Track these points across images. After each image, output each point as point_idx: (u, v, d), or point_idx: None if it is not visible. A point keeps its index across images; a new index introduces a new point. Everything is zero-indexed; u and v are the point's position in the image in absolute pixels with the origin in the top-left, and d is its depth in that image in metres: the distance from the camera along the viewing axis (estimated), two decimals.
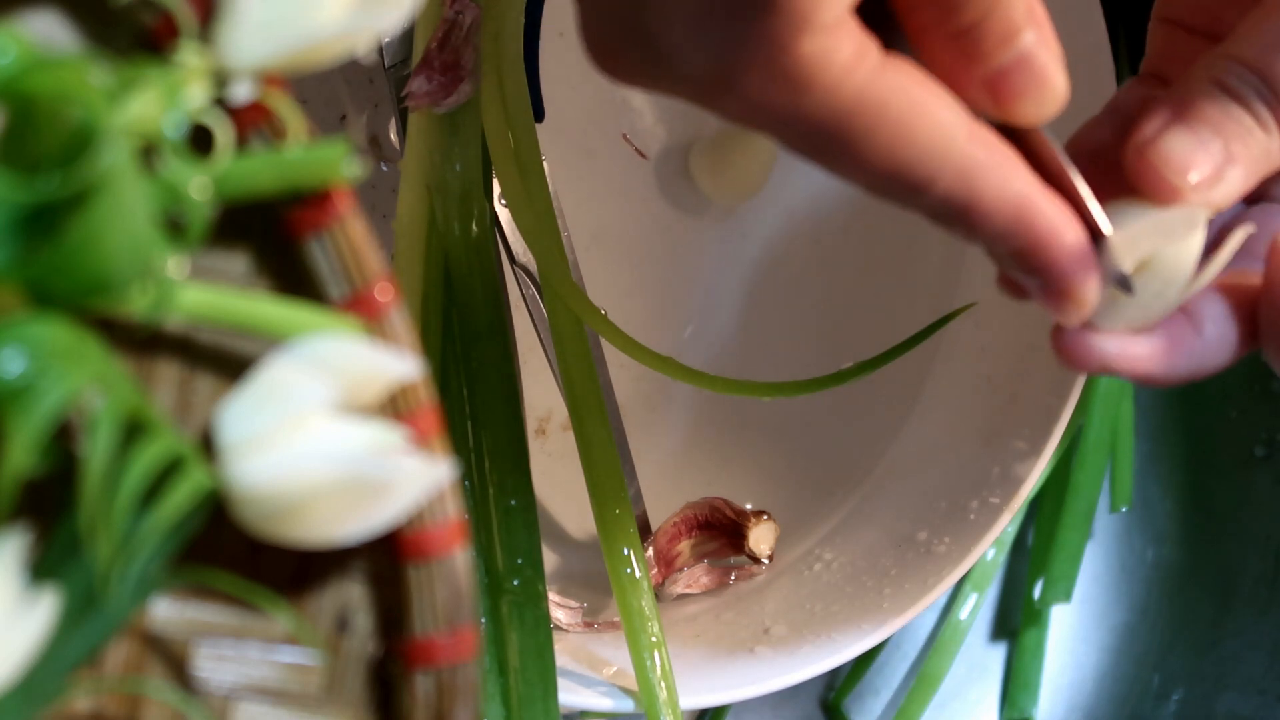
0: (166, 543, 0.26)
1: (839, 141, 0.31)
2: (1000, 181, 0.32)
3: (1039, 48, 0.31)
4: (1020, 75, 0.32)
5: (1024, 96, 0.32)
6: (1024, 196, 0.32)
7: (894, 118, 0.31)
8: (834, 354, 0.59)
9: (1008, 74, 0.32)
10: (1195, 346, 0.36)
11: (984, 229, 0.32)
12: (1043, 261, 0.33)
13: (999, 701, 0.63)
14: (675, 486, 0.57)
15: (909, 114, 0.31)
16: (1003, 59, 0.31)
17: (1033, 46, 0.31)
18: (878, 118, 0.31)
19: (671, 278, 0.60)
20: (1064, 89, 0.32)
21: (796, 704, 0.62)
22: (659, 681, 0.48)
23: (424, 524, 0.27)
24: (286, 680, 0.28)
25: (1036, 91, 0.32)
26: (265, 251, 0.28)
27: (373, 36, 0.27)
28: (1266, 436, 0.63)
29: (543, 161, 0.49)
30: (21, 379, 0.24)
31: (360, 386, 0.27)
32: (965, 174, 0.32)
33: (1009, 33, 0.31)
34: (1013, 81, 0.32)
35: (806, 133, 0.31)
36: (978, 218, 0.32)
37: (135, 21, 0.27)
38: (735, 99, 0.31)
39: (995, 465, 0.55)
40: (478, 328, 0.48)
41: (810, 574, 0.57)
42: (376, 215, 0.56)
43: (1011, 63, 0.31)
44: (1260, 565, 0.62)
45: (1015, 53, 0.31)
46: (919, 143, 0.31)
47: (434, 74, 0.47)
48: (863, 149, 0.31)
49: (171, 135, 0.26)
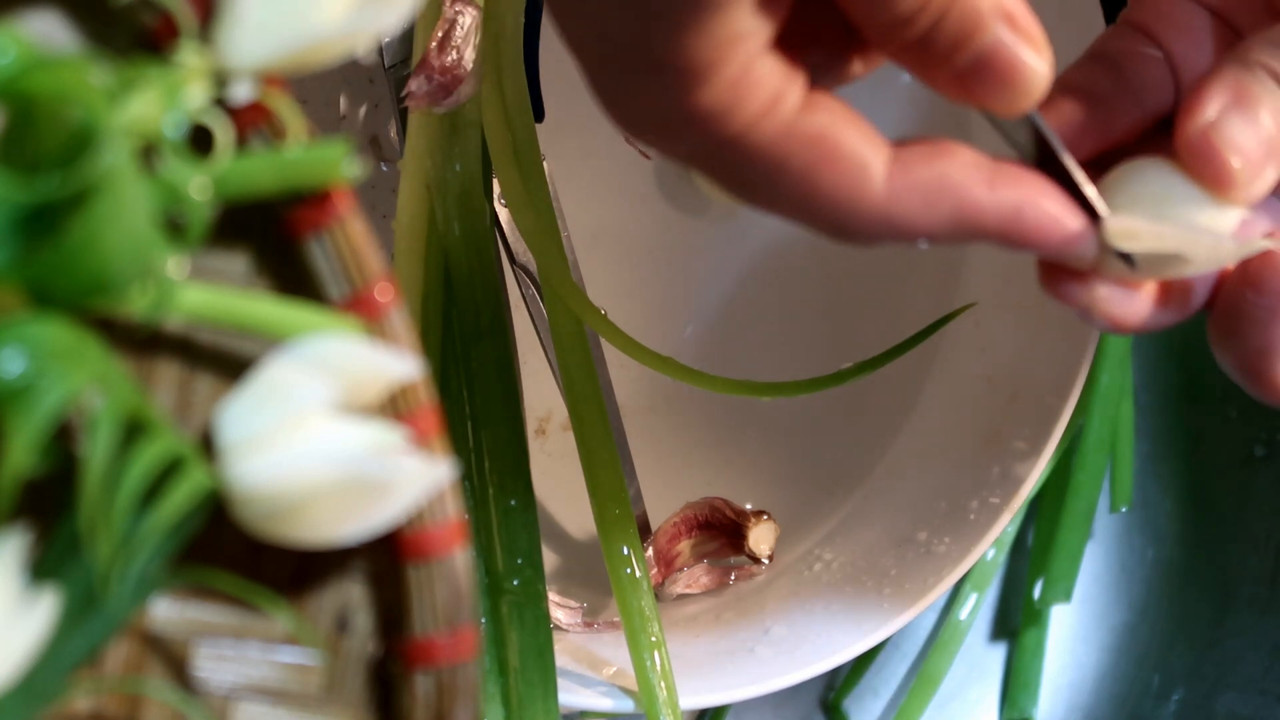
0: (166, 543, 0.26)
1: (753, 186, 0.31)
2: (926, 208, 0.32)
3: (1005, 41, 0.30)
4: (986, 72, 0.31)
5: (996, 92, 0.31)
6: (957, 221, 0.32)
7: (805, 162, 0.31)
8: (834, 354, 0.59)
9: (973, 73, 0.31)
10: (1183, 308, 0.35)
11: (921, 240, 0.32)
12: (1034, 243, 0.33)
13: (999, 701, 0.63)
14: (675, 486, 0.57)
15: (820, 158, 0.31)
16: (963, 60, 0.31)
17: (996, 42, 0.30)
18: (787, 162, 0.31)
19: (671, 278, 0.60)
20: (1042, 76, 0.31)
21: (796, 704, 0.62)
22: (659, 681, 0.48)
23: (424, 524, 0.27)
24: (286, 680, 0.28)
25: (1008, 85, 0.31)
26: (265, 251, 0.28)
27: (373, 36, 0.27)
28: (1266, 436, 0.63)
29: (543, 161, 0.49)
30: (21, 379, 0.24)
31: (360, 386, 0.27)
32: (883, 213, 0.31)
33: (965, 32, 0.30)
34: (980, 79, 0.31)
35: (726, 179, 0.32)
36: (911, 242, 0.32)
37: (135, 21, 0.27)
38: (663, 149, 0.32)
39: (995, 465, 0.55)
40: (478, 328, 0.48)
41: (810, 574, 0.57)
42: (376, 215, 0.56)
43: (973, 62, 0.31)
44: (1260, 565, 0.62)
45: (975, 51, 0.30)
46: (831, 185, 0.31)
47: (434, 74, 0.47)
48: (777, 193, 0.31)
49: (171, 135, 0.26)
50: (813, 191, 0.31)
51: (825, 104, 0.31)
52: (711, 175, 0.32)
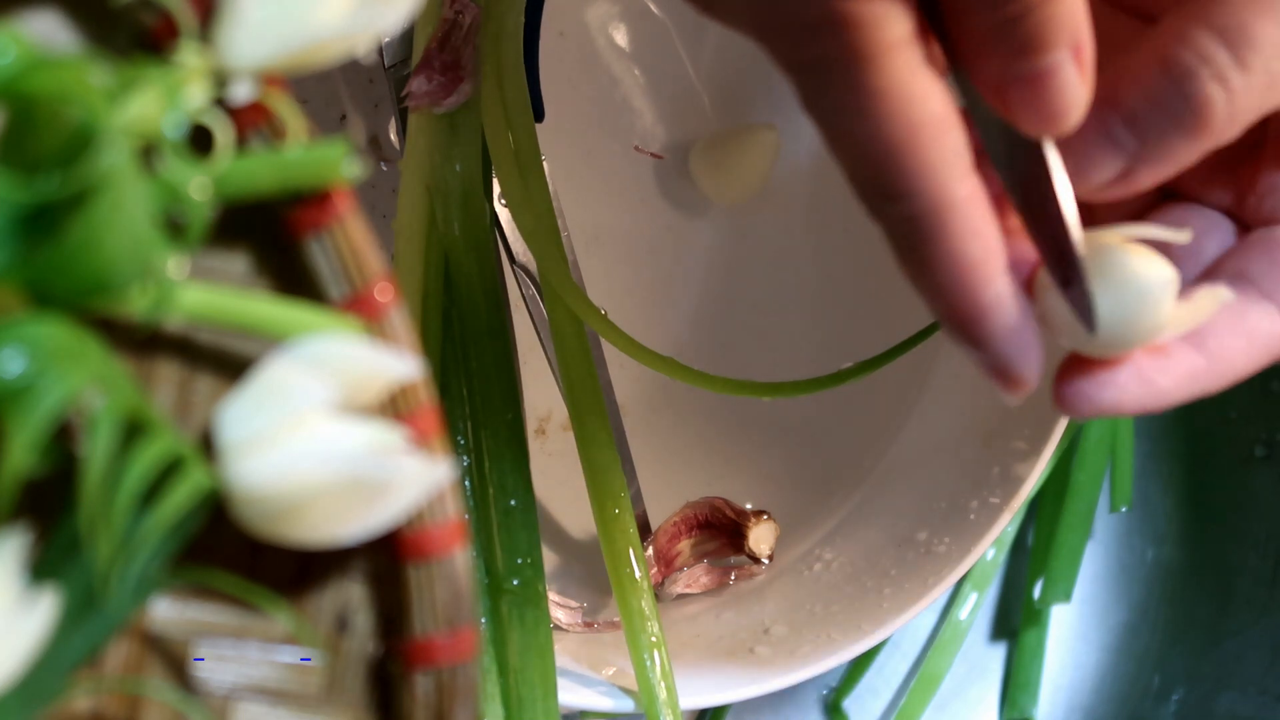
0: (166, 543, 0.26)
1: (853, 110, 0.30)
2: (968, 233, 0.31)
3: (1064, 68, 0.30)
4: (1034, 89, 0.31)
5: (1030, 111, 0.31)
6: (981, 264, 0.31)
7: (913, 117, 0.30)
8: (834, 354, 0.59)
9: (1020, 83, 0.31)
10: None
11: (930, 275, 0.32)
12: (975, 335, 0.32)
13: (999, 701, 0.63)
14: (675, 486, 0.57)
15: (929, 121, 0.30)
16: (1020, 67, 0.30)
17: (1057, 65, 0.30)
18: (901, 108, 0.30)
19: (672, 278, 0.60)
20: (1076, 118, 0.31)
21: (796, 704, 0.62)
22: (659, 681, 0.48)
23: (424, 524, 0.27)
24: (286, 680, 0.28)
25: (1047, 110, 0.31)
26: (265, 251, 0.28)
27: (373, 36, 0.27)
28: (1266, 436, 0.63)
29: (543, 161, 0.49)
30: (21, 379, 0.24)
31: (360, 386, 0.27)
32: (945, 205, 0.31)
33: (1043, 42, 0.30)
34: (1024, 92, 0.31)
35: (823, 81, 0.31)
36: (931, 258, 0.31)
37: (135, 21, 0.27)
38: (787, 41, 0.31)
39: (995, 465, 0.55)
40: (478, 328, 0.48)
41: (810, 574, 0.57)
42: (376, 215, 0.56)
43: (1027, 73, 0.30)
44: (1260, 565, 0.62)
45: (1035, 65, 0.30)
46: (923, 151, 0.30)
47: (434, 74, 0.47)
48: (872, 130, 0.30)
49: (171, 135, 0.26)
50: (909, 144, 0.30)
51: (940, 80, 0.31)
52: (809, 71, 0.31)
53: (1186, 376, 0.34)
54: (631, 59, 0.59)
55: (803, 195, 0.60)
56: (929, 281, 0.32)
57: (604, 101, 0.58)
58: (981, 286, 0.32)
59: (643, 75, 0.59)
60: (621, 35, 0.59)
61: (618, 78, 0.59)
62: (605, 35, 0.59)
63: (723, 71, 0.59)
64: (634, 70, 0.59)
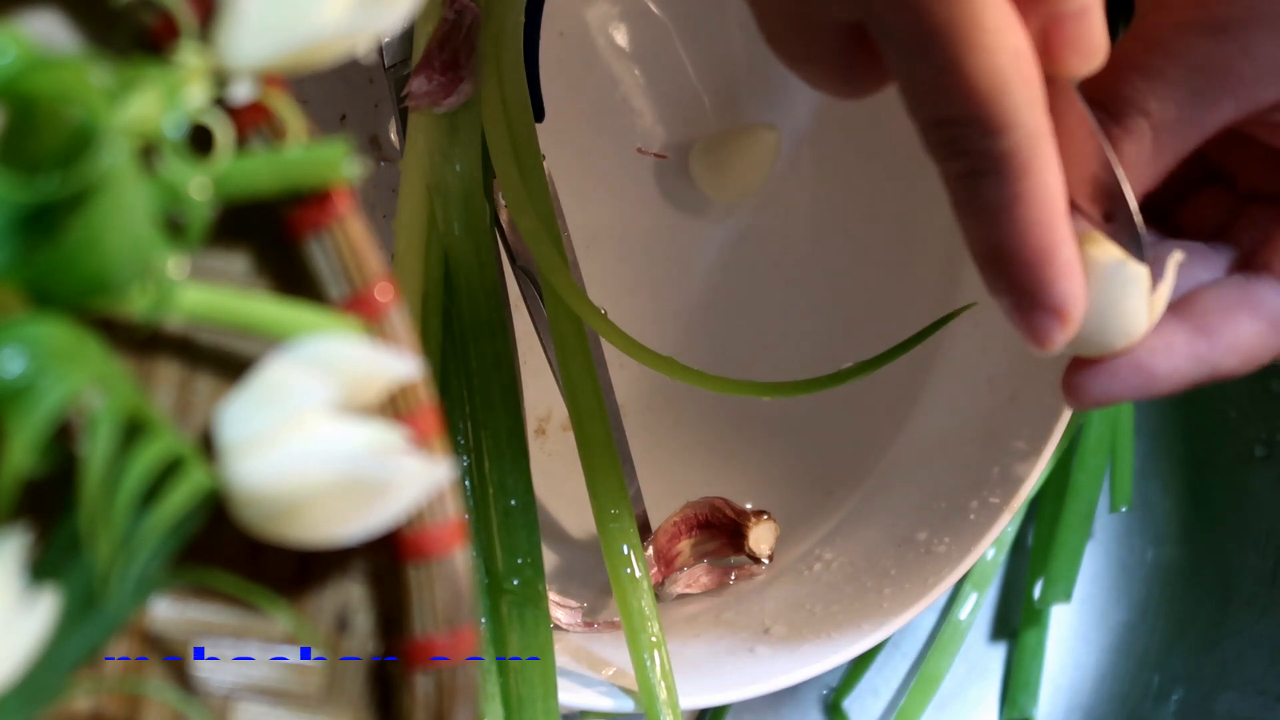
0: (166, 543, 0.26)
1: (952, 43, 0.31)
2: (1054, 165, 0.32)
3: (1097, 10, 0.33)
4: (1077, 27, 0.33)
5: (1073, 48, 0.33)
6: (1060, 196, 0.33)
7: (1016, 46, 0.32)
8: (834, 354, 0.59)
9: (1068, 22, 0.33)
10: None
11: (1019, 208, 0.33)
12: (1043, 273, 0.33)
13: (999, 701, 0.63)
14: (675, 486, 0.57)
15: (1025, 51, 0.32)
16: (1070, 6, 0.32)
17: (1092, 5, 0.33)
18: (1008, 38, 0.31)
19: (671, 277, 0.60)
20: (1105, 51, 0.33)
21: (796, 704, 0.62)
22: (659, 681, 0.48)
23: (424, 524, 0.27)
24: (286, 680, 0.28)
25: (1086, 47, 0.33)
26: (265, 251, 0.28)
27: (373, 36, 0.27)
28: (1266, 436, 0.63)
29: (543, 161, 0.49)
30: (21, 379, 0.24)
31: (360, 386, 0.27)
32: (1043, 135, 0.32)
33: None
34: (1069, 31, 0.33)
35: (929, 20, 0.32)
36: (1023, 193, 0.32)
37: (135, 21, 0.27)
38: None
39: (995, 465, 0.55)
40: (478, 328, 0.48)
41: (810, 574, 0.57)
42: (376, 215, 0.56)
43: (1075, 12, 0.33)
44: (1260, 565, 0.62)
45: (1081, 4, 0.32)
46: (1030, 82, 0.32)
47: (434, 74, 0.47)
48: (986, 61, 0.31)
49: (171, 135, 0.26)
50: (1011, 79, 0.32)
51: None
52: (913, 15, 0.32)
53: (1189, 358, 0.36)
54: (631, 59, 0.59)
55: (803, 195, 0.60)
56: (1013, 217, 0.33)
57: (604, 101, 0.58)
58: (1060, 220, 0.33)
59: (643, 75, 0.59)
60: (621, 35, 0.59)
61: (618, 78, 0.59)
62: (605, 35, 0.59)
63: (723, 71, 0.59)
64: (634, 70, 0.59)
